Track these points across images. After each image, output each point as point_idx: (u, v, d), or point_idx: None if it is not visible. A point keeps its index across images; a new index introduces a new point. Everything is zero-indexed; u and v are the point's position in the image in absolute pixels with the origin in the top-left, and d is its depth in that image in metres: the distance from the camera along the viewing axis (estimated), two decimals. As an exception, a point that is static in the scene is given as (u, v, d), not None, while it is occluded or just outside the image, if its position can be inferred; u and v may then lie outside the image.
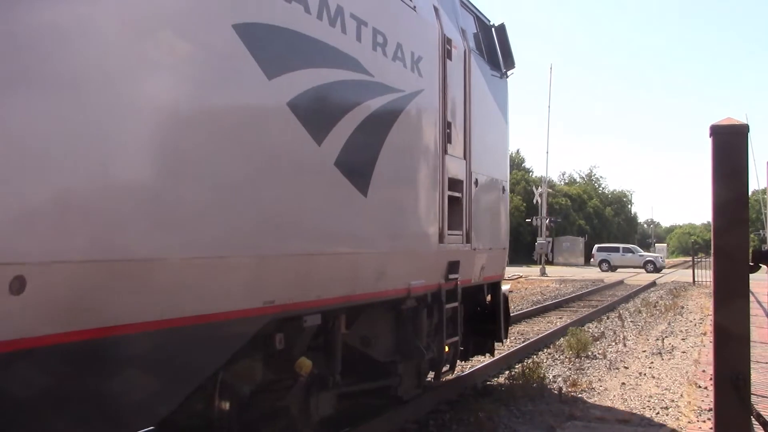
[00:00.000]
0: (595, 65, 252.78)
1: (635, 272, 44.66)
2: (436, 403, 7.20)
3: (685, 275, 38.90)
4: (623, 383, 8.79)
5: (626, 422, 6.89)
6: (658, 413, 7.27)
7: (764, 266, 3.95)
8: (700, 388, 8.32)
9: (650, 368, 9.83)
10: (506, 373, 9.29)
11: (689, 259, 48.89)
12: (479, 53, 7.79)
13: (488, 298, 8.29)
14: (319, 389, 5.01)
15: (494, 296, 8.33)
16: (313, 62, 4.47)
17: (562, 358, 10.60)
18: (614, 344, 12.08)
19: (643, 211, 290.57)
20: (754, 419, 3.85)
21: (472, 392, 7.98)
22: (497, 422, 6.71)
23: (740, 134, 3.76)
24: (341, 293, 4.93)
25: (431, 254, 6.34)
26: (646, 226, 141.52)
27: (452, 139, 6.68)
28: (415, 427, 6.55)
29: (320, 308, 4.71)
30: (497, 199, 8.29)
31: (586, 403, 7.67)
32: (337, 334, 5.22)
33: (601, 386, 8.60)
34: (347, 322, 5.42)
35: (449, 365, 7.01)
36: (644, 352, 11.31)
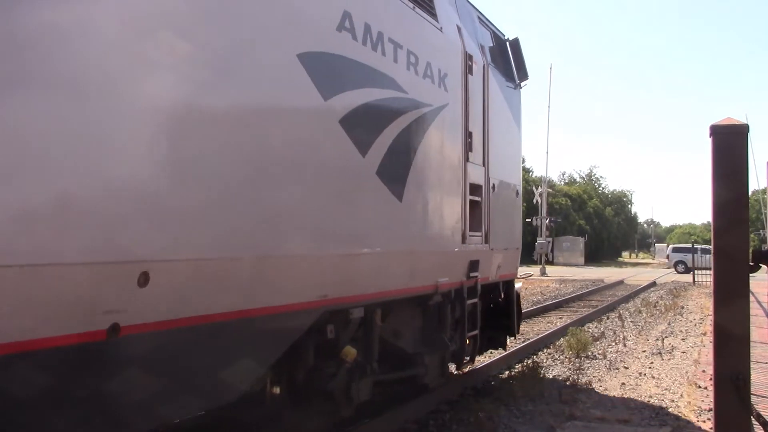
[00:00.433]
0: (595, 65, 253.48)
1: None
2: (436, 403, 7.20)
3: (685, 275, 38.91)
4: (623, 383, 8.79)
5: (626, 422, 6.89)
6: (658, 413, 7.27)
7: (764, 266, 3.96)
8: (700, 388, 8.32)
9: (650, 368, 9.83)
10: (506, 373, 9.29)
11: (689, 259, 48.36)
12: (496, 66, 8.27)
13: (502, 295, 8.76)
14: (360, 376, 5.46)
15: (508, 293, 8.86)
16: (359, 83, 4.99)
17: (562, 358, 10.60)
18: (614, 344, 12.08)
19: (643, 211, 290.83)
20: (754, 419, 3.85)
21: (472, 392, 7.98)
22: (497, 422, 6.72)
23: (740, 134, 3.77)
24: (379, 289, 5.49)
25: (455, 254, 6.84)
26: (646, 226, 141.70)
27: (473, 147, 7.20)
28: (415, 427, 6.55)
29: (363, 302, 5.29)
30: (512, 202, 8.82)
31: (586, 403, 7.67)
32: (375, 326, 5.71)
33: (601, 386, 8.61)
34: (381, 316, 5.87)
35: (469, 357, 7.55)
36: (644, 352, 11.32)
